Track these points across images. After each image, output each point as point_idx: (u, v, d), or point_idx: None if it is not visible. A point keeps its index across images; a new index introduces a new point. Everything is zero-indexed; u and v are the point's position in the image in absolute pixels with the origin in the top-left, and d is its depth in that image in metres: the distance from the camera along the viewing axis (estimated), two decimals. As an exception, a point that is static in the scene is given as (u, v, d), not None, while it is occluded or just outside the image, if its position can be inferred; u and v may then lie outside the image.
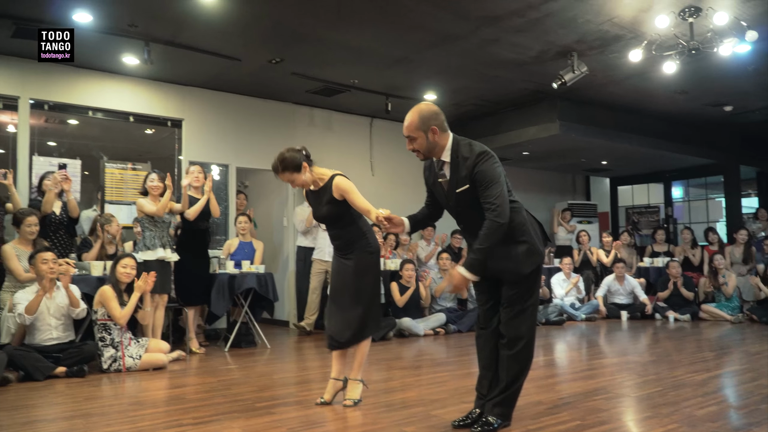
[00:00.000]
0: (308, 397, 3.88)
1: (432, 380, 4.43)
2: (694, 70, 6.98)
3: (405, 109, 9.37)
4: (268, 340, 6.22)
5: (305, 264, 7.48)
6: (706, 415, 3.34)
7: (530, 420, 3.25)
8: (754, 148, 10.67)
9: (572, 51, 6.48)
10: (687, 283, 8.41)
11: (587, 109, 8.54)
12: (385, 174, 9.18)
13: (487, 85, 7.67)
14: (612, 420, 3.27)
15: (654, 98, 8.27)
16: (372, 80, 7.44)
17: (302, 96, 8.01)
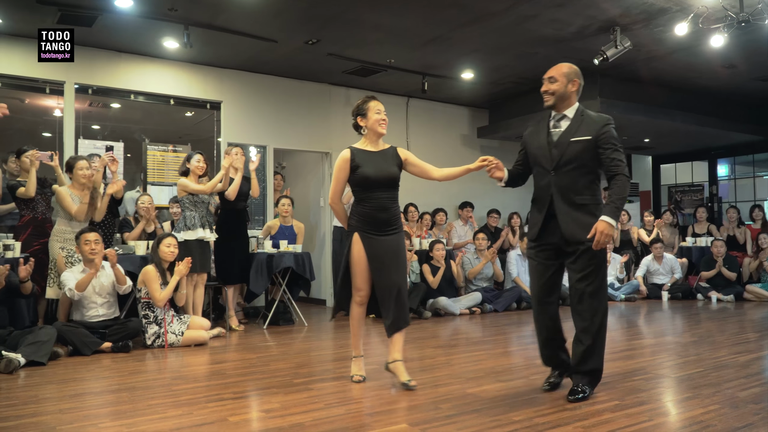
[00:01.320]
0: (345, 373, 3.94)
1: (468, 359, 4.44)
2: (743, 43, 6.72)
3: (441, 89, 9.37)
4: (305, 319, 6.32)
5: (342, 244, 7.53)
6: (749, 396, 3.27)
7: (566, 399, 3.24)
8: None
9: (615, 25, 6.30)
10: (731, 263, 8.19)
11: (629, 86, 8.32)
12: (421, 154, 8.94)
13: (525, 62, 7.53)
14: (651, 400, 3.24)
15: (700, 73, 8.01)
16: (408, 59, 7.39)
17: (338, 76, 8.02)
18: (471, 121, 9.78)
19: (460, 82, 8.28)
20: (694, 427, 2.78)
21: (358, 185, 3.62)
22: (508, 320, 6.52)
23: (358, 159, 3.60)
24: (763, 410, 3.01)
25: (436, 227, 8.31)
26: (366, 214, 3.59)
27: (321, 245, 8.32)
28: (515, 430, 2.75)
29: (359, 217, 3.60)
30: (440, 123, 9.45)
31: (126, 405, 3.23)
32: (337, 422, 2.89)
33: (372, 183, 3.58)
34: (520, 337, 5.49)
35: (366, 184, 3.58)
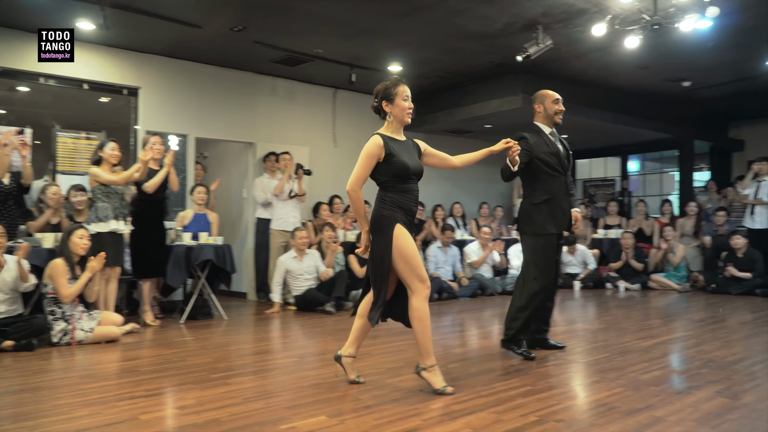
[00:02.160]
0: (265, 366, 3.90)
1: (388, 349, 4.48)
2: (656, 45, 7.06)
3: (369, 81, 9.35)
4: (226, 312, 6.19)
5: (264, 236, 7.45)
6: (650, 379, 3.47)
7: (482, 386, 3.33)
8: (709, 123, 10.93)
9: (537, 24, 6.48)
10: (638, 254, 8.64)
11: (549, 83, 8.52)
12: (348, 146, 9.12)
13: (452, 57, 7.64)
14: (561, 385, 3.37)
15: (615, 73, 8.36)
16: (336, 50, 7.34)
17: (265, 65, 7.87)
18: (397, 114, 9.81)
19: (387, 75, 8.30)
20: (599, 409, 2.92)
21: (395, 175, 3.29)
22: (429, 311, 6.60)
23: (392, 147, 3.29)
24: (662, 392, 3.19)
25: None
26: (406, 205, 3.32)
27: (243, 237, 8.16)
28: (431, 417, 2.80)
29: (399, 207, 3.29)
30: (368, 115, 9.30)
31: (28, 406, 3.06)
32: (255, 416, 2.85)
33: (411, 173, 3.32)
34: (439, 327, 5.58)
35: (405, 174, 3.30)
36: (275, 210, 7.36)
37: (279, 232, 7.23)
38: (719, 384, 3.33)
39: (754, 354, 4.16)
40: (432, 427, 2.66)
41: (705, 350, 4.26)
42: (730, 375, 3.54)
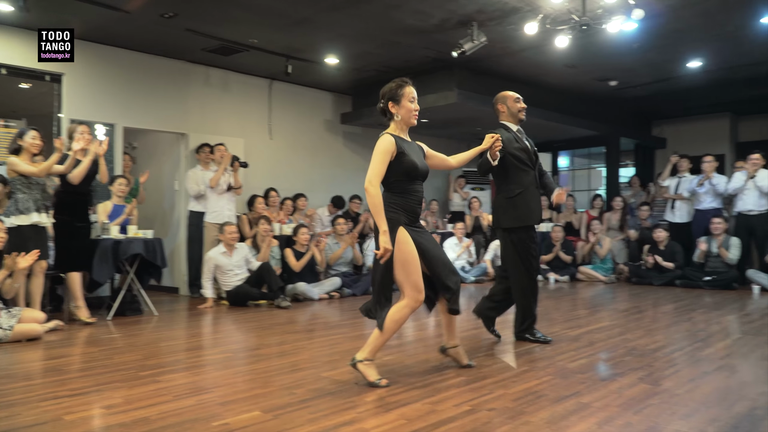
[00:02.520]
0: (197, 363, 3.81)
1: (324, 343, 4.47)
2: (584, 45, 7.30)
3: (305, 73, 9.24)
4: (156, 308, 6.00)
5: (197, 229, 7.27)
6: (577, 367, 3.60)
7: (417, 377, 3.37)
8: (634, 121, 11.41)
9: (473, 20, 6.58)
10: (567, 247, 8.95)
11: (484, 79, 8.75)
12: (284, 138, 9.02)
13: (388, 51, 7.65)
14: (493, 374, 3.45)
15: (546, 71, 8.60)
16: (272, 41, 7.22)
17: (197, 54, 7.66)
18: (335, 106, 9.79)
19: (324, 67, 8.24)
20: (529, 397, 3.00)
21: (404, 174, 3.30)
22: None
23: (402, 146, 3.31)
24: (588, 379, 3.32)
25: (298, 212, 8.26)
26: (410, 207, 3.33)
27: (175, 231, 7.94)
28: (367, 410, 2.81)
29: (404, 210, 3.30)
30: (304, 107, 9.36)
31: (-60, 408, 2.88)
32: (186, 414, 2.78)
33: (418, 173, 3.35)
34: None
35: (414, 174, 3.33)
36: (209, 203, 7.19)
37: (213, 225, 7.07)
38: (641, 371, 3.49)
39: (673, 342, 4.38)
40: (367, 420, 2.67)
41: (628, 339, 4.46)
42: (652, 362, 3.71)
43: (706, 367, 3.58)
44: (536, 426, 2.56)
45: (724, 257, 7.68)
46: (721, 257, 7.75)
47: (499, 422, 2.62)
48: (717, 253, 7.81)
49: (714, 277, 7.66)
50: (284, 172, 8.92)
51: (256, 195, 7.74)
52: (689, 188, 8.50)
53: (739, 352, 4.00)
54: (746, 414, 2.71)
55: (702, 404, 2.85)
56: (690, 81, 9.19)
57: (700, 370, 3.52)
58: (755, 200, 7.87)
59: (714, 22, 6.68)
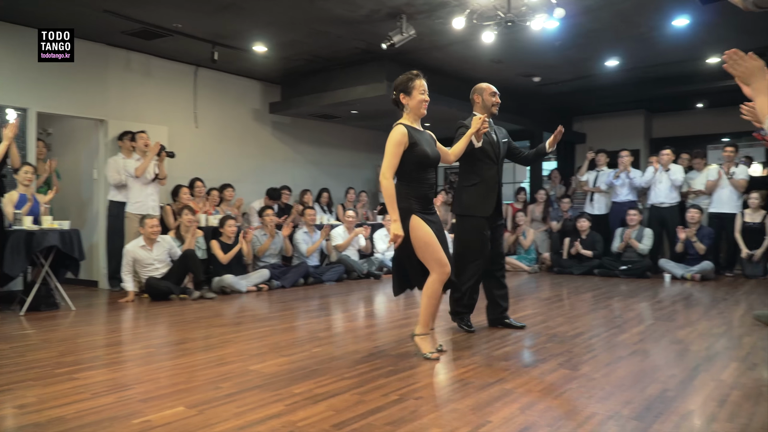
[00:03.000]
0: (117, 359, 3.68)
1: (252, 336, 4.40)
2: (509, 42, 7.48)
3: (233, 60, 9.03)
4: (74, 302, 5.74)
5: (118, 220, 6.98)
6: (501, 354, 3.71)
7: (346, 368, 3.38)
8: (556, 116, 11.80)
9: (401, 13, 6.60)
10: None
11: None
12: (210, 127, 8.79)
13: (317, 40, 7.58)
14: (420, 364, 3.50)
15: (473, 65, 8.76)
16: (197, 26, 6.99)
17: (117, 37, 7.32)
18: (263, 95, 9.62)
19: (252, 55, 8.07)
20: (456, 385, 3.07)
21: (415, 163, 3.53)
22: (294, 296, 6.60)
23: (414, 136, 3.53)
24: (512, 366, 3.43)
25: (225, 203, 8.08)
26: (422, 194, 3.58)
27: (93, 222, 7.59)
28: (295, 402, 2.79)
29: (415, 198, 3.55)
30: (231, 96, 9.15)
31: None
32: (105, 412, 2.68)
33: (430, 162, 3.58)
34: (305, 312, 5.58)
35: (426, 162, 3.56)
36: (132, 193, 6.91)
37: (136, 216, 6.81)
38: (561, 357, 3.64)
39: (591, 328, 4.58)
40: (295, 412, 2.65)
41: (550, 326, 4.63)
42: (571, 348, 3.87)
43: (622, 352, 3.77)
44: (462, 413, 2.62)
45: (635, 248, 8.10)
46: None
47: (426, 410, 2.67)
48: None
49: (629, 267, 8.06)
50: (210, 161, 8.70)
51: (180, 185, 7.52)
52: (607, 181, 8.89)
53: (652, 337, 4.24)
54: (658, 395, 2.87)
55: (617, 387, 3.00)
56: (607, 79, 9.60)
57: (615, 354, 3.71)
58: (667, 193, 8.35)
59: (629, 23, 6.99)
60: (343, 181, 10.63)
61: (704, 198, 8.41)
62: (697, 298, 6.23)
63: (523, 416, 2.58)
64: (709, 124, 11.48)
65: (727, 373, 3.25)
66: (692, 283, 7.38)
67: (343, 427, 2.46)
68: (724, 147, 8.34)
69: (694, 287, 7.04)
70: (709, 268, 7.65)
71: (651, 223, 8.42)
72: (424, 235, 3.51)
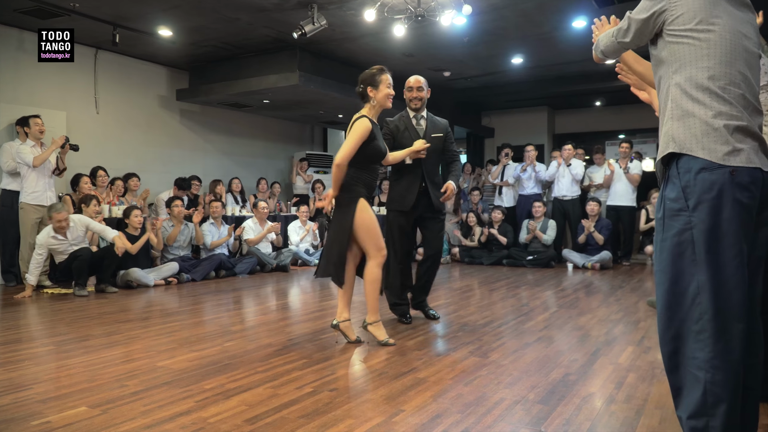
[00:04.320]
0: (14, 358, 3.45)
1: (160, 331, 4.25)
2: (420, 36, 7.60)
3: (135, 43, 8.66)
4: (-38, 299, 5.34)
5: (12, 210, 6.51)
6: (415, 344, 3.79)
7: (259, 362, 3.34)
8: (466, 111, 12.13)
9: (313, 3, 6.55)
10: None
11: (326, 63, 8.77)
12: (113, 113, 8.38)
13: (226, 27, 7.37)
14: (336, 355, 3.51)
15: (386, 58, 8.80)
16: (96, 6, 6.61)
17: (9, 15, 6.81)
18: (170, 82, 9.26)
19: (157, 39, 7.75)
20: (370, 375, 3.11)
21: (369, 156, 3.71)
22: (206, 289, 6.43)
23: (374, 131, 3.70)
24: (425, 355, 3.51)
25: (130, 193, 7.73)
26: (369, 183, 3.77)
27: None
28: (206, 398, 2.73)
29: (363, 184, 3.72)
30: (135, 81, 8.74)
31: None
32: (1, 414, 2.51)
33: (381, 157, 3.82)
34: (216, 306, 5.45)
35: (378, 157, 3.78)
36: (27, 182, 6.44)
37: (33, 207, 6.39)
38: (472, 345, 3.76)
39: (500, 317, 4.75)
40: (206, 408, 2.60)
41: (461, 315, 4.77)
42: (481, 336, 4.01)
43: (528, 339, 3.95)
44: (376, 403, 2.66)
45: (540, 238, 8.48)
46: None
47: (341, 401, 2.68)
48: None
49: (535, 257, 8.43)
50: (114, 149, 8.30)
51: (81, 174, 7.12)
52: (514, 174, 9.24)
53: (556, 324, 4.46)
54: (561, 379, 3.03)
55: (524, 373, 3.15)
56: (513, 76, 9.97)
57: (522, 341, 3.88)
58: (569, 186, 8.80)
59: (532, 22, 7.28)
60: (255, 172, 10.44)
61: (603, 191, 8.91)
62: (596, 286, 6.62)
63: (436, 404, 2.65)
64: (607, 121, 12.19)
65: (623, 357, 3.48)
66: (592, 272, 7.83)
67: (256, 421, 2.44)
68: (620, 143, 8.86)
69: (594, 276, 7.47)
70: (607, 258, 8.13)
71: (555, 215, 8.85)
72: (369, 218, 3.68)
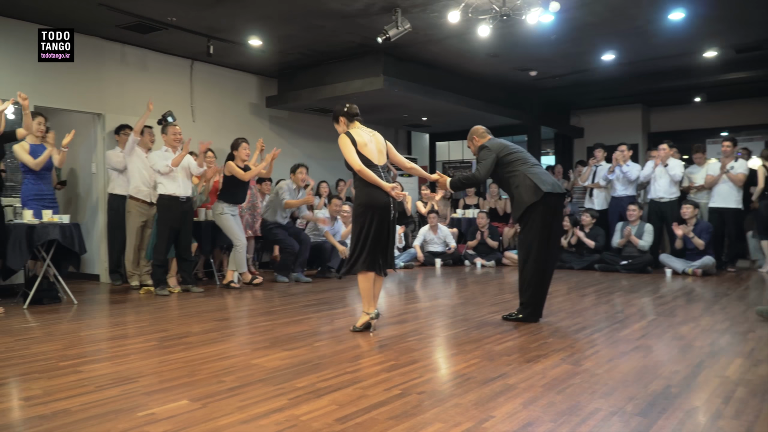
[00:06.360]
0: (120, 353, 3.68)
1: (255, 330, 4.41)
2: (505, 35, 7.48)
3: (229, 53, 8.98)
4: (76, 296, 5.74)
5: (118, 214, 6.94)
6: (503, 349, 3.73)
7: (348, 363, 3.40)
8: (553, 111, 11.82)
9: (396, 7, 6.59)
10: (492, 233, 9.21)
11: (409, 66, 8.81)
12: (208, 121, 8.77)
13: (312, 34, 7.56)
14: (423, 358, 3.52)
15: (470, 59, 8.75)
16: (192, 19, 6.96)
17: (112, 31, 7.29)
18: (260, 89, 9.60)
19: (248, 49, 8.05)
20: (458, 379, 3.09)
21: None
22: (298, 289, 6.59)
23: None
24: (514, 361, 3.44)
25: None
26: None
27: (93, 215, 7.57)
28: (298, 396, 2.80)
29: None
30: (228, 90, 9.12)
31: None
32: (110, 405, 2.69)
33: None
34: (306, 306, 5.57)
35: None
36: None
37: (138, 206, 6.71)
38: (563, 352, 3.65)
39: (593, 324, 4.58)
40: (298, 406, 2.66)
41: (551, 321, 4.65)
42: (573, 343, 3.89)
43: (624, 348, 3.79)
44: (464, 408, 2.64)
45: (636, 244, 8.11)
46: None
47: (429, 405, 2.68)
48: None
49: (630, 261, 8.08)
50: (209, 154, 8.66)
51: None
52: (604, 176, 8.91)
53: (654, 333, 4.25)
54: (661, 392, 2.88)
55: (620, 383, 3.02)
56: (604, 73, 9.61)
57: (618, 350, 3.72)
58: (666, 188, 8.36)
59: (624, 16, 7.00)
60: (339, 176, 10.62)
61: (706, 193, 8.41)
62: (699, 293, 6.26)
63: (527, 411, 2.60)
64: (707, 117, 11.52)
65: (731, 370, 3.26)
66: (693, 278, 7.41)
67: (346, 421, 2.48)
68: (722, 141, 8.35)
69: (695, 282, 7.07)
70: (710, 263, 7.65)
71: (651, 218, 8.44)
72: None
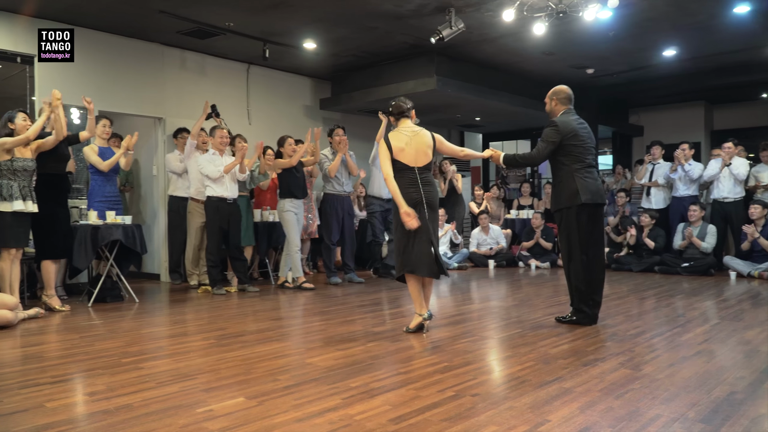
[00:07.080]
0: (180, 350, 3.78)
1: (308, 329, 4.47)
2: (561, 33, 7.34)
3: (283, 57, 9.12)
4: (137, 295, 5.95)
5: (178, 215, 7.15)
6: (559, 353, 3.65)
7: (401, 364, 3.39)
8: (611, 109, 11.51)
9: (450, 6, 6.56)
10: (547, 234, 9.04)
11: (463, 66, 8.75)
12: (263, 123, 8.93)
13: (366, 36, 7.60)
14: (476, 360, 3.48)
15: (524, 58, 8.63)
16: (248, 24, 7.12)
17: (172, 37, 7.52)
18: (314, 92, 9.72)
19: (302, 52, 8.16)
20: (512, 382, 3.04)
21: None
22: (350, 290, 6.64)
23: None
24: (570, 364, 3.36)
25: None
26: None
27: (153, 216, 7.83)
28: (352, 396, 2.82)
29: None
30: (282, 92, 9.28)
31: None
32: (170, 401, 2.76)
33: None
34: (359, 306, 5.60)
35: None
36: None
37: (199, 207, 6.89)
38: (622, 356, 3.55)
39: (653, 327, 4.45)
40: (352, 406, 2.68)
41: (609, 324, 4.53)
42: (632, 347, 3.78)
43: (686, 352, 3.65)
44: (519, 411, 2.60)
45: (698, 247, 7.81)
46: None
47: (483, 407, 2.65)
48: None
49: (692, 264, 7.79)
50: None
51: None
52: (664, 175, 8.62)
53: (717, 337, 4.09)
54: (725, 398, 2.76)
55: (682, 389, 2.91)
56: (665, 69, 9.31)
57: (679, 354, 3.60)
58: (730, 188, 8.02)
59: (686, 11, 6.76)
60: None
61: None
62: (765, 296, 5.98)
63: (584, 416, 2.53)
64: (774, 114, 11.00)
65: (799, 376, 3.11)
66: (760, 282, 7.09)
67: (399, 421, 2.47)
68: None
69: (762, 286, 6.76)
70: (777, 266, 7.31)
71: (714, 219, 8.12)
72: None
